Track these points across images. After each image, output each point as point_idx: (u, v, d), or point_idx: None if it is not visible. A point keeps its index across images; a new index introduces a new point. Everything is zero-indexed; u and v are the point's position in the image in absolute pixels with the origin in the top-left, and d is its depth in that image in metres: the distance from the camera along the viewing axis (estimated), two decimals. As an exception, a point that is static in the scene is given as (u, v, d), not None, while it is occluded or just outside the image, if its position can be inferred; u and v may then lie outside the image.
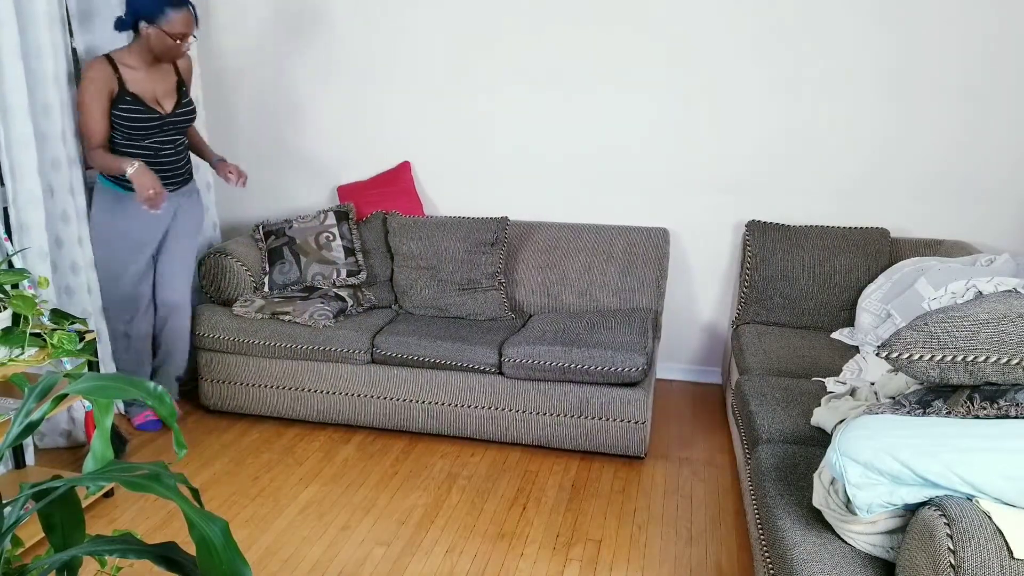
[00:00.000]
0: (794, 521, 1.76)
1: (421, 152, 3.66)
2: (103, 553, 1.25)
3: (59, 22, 2.80)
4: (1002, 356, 1.57)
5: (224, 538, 1.15)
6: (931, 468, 1.44)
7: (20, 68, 2.61)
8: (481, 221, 3.32)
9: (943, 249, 3.08)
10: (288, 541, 2.42)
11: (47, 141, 2.81)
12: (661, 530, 2.50)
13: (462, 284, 3.25)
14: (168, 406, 1.28)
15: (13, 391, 2.49)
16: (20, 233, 2.71)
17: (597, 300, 3.30)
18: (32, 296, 2.16)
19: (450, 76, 3.52)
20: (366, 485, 2.75)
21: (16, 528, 1.25)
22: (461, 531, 2.48)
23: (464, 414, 2.99)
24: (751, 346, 2.90)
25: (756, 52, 3.22)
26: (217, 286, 3.25)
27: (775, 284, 3.14)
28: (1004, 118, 3.09)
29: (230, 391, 3.20)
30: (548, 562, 2.33)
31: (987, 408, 1.58)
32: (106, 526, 2.50)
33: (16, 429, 1.26)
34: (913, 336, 1.67)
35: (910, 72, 3.11)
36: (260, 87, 3.74)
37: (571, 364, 2.81)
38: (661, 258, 3.30)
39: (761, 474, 2.01)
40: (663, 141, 3.40)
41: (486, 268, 3.25)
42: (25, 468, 2.65)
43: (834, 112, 3.22)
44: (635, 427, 2.83)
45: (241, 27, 3.67)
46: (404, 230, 3.36)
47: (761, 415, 2.31)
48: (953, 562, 1.33)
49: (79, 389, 1.24)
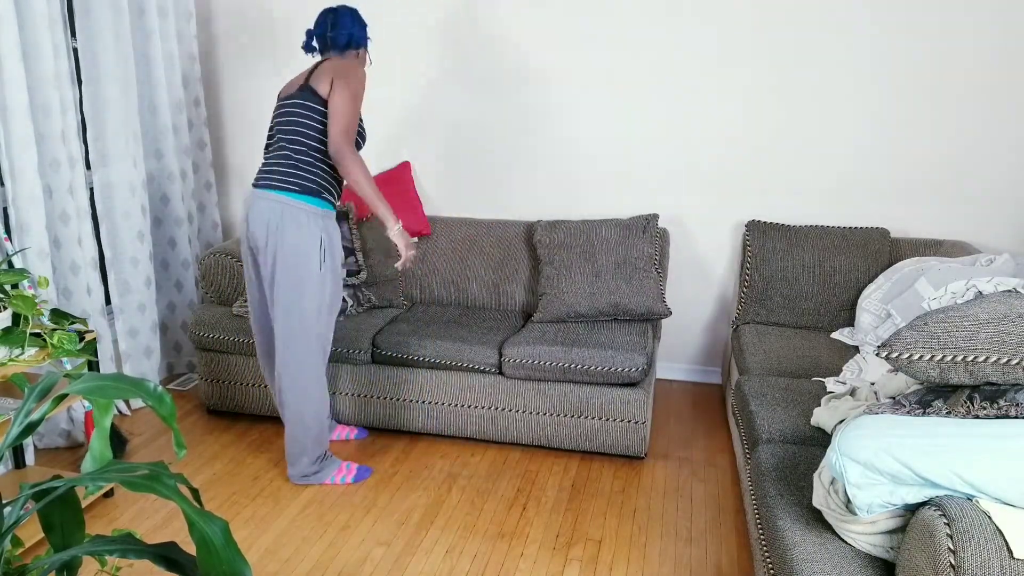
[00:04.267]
0: (794, 521, 1.76)
1: (421, 152, 3.67)
2: (103, 553, 1.25)
3: (59, 22, 2.80)
4: (1002, 356, 1.57)
5: (224, 538, 1.15)
6: (931, 468, 1.44)
7: (20, 68, 2.61)
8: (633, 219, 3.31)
9: (943, 249, 3.08)
10: (288, 541, 2.42)
11: (47, 141, 2.81)
12: (661, 530, 2.50)
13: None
14: (168, 406, 1.27)
15: (13, 391, 2.49)
16: (20, 233, 2.71)
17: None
18: (32, 296, 2.16)
19: (449, 76, 3.52)
20: (366, 485, 2.75)
21: (16, 528, 1.25)
22: (461, 531, 2.48)
23: (464, 414, 2.99)
24: (751, 346, 2.90)
25: (756, 52, 3.22)
26: (217, 286, 3.25)
27: (775, 284, 3.14)
28: (1004, 118, 3.09)
29: (230, 391, 3.20)
30: (548, 562, 2.32)
31: (987, 408, 1.58)
32: (106, 526, 2.50)
33: (16, 429, 1.26)
34: (913, 336, 1.67)
35: (910, 72, 3.11)
36: (260, 87, 3.74)
37: (571, 364, 2.81)
38: (661, 258, 3.30)
39: (761, 474, 2.01)
40: (663, 141, 3.40)
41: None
42: (25, 468, 2.65)
43: (834, 112, 3.22)
44: (635, 427, 2.83)
45: (242, 30, 3.67)
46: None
47: (761, 415, 2.31)
48: (953, 562, 1.33)
49: (79, 389, 1.24)
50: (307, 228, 2.42)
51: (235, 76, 3.77)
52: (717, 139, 3.35)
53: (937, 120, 3.15)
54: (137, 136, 3.24)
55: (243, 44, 3.70)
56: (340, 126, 2.40)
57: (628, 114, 3.40)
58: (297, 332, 2.51)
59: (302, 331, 2.51)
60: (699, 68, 3.28)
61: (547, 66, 3.42)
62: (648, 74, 3.34)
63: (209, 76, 3.79)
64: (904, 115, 3.17)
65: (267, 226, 2.43)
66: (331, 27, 2.54)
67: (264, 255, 2.47)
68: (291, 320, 2.50)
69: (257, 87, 3.76)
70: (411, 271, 3.47)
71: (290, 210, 2.41)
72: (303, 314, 2.49)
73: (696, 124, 3.35)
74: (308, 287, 2.46)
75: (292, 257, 2.43)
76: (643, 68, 3.33)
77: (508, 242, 3.41)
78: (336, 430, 3.08)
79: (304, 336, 2.52)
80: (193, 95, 3.62)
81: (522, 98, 3.48)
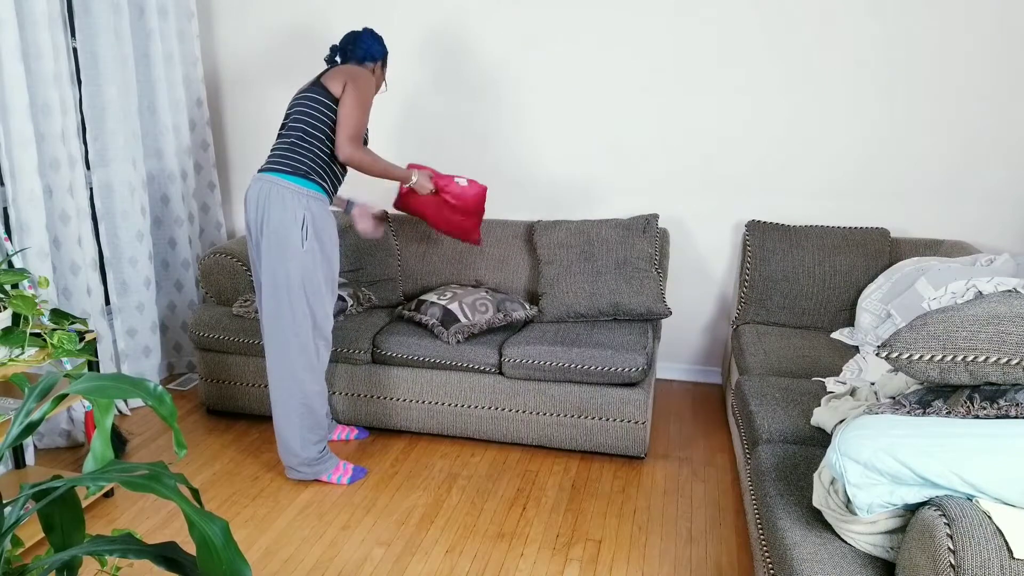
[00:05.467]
0: (794, 521, 1.76)
1: (421, 152, 3.66)
2: (103, 553, 1.24)
3: (59, 22, 2.80)
4: (1002, 356, 1.57)
5: (224, 538, 1.15)
6: (931, 468, 1.44)
7: (20, 68, 2.61)
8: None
9: (943, 249, 3.08)
10: (288, 541, 2.42)
11: (47, 141, 2.81)
12: (661, 530, 2.50)
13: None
14: (168, 406, 1.27)
15: (13, 391, 2.49)
16: (20, 233, 2.71)
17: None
18: (32, 296, 2.16)
19: (449, 76, 3.52)
20: (366, 485, 2.75)
21: (16, 528, 1.25)
22: (461, 531, 2.48)
23: (464, 414, 2.99)
24: (751, 346, 2.90)
25: (756, 52, 3.22)
26: (217, 286, 3.25)
27: (775, 284, 3.14)
28: (1004, 118, 3.09)
29: (230, 391, 3.20)
30: (548, 562, 2.32)
31: (987, 408, 1.58)
32: (106, 526, 2.50)
33: (16, 429, 1.26)
34: (913, 336, 1.67)
35: (910, 72, 3.11)
36: (261, 89, 3.74)
37: (571, 364, 2.81)
38: (661, 258, 3.30)
39: (761, 474, 2.01)
40: (663, 141, 3.40)
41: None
42: (25, 468, 2.65)
43: (834, 112, 3.22)
44: (635, 427, 2.83)
45: (243, 33, 3.68)
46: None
47: (761, 415, 2.31)
48: (953, 562, 1.33)
49: (79, 389, 1.24)
50: (290, 206, 2.46)
51: (240, 76, 3.77)
52: (717, 139, 3.35)
53: (937, 120, 3.15)
54: (137, 136, 3.24)
55: (248, 45, 3.71)
56: (347, 132, 2.49)
57: (628, 114, 3.40)
58: (283, 312, 2.53)
59: (289, 310, 2.53)
60: (699, 68, 3.28)
61: (547, 66, 3.42)
62: (648, 74, 3.34)
63: (212, 76, 3.79)
64: (904, 115, 3.17)
65: (256, 206, 2.50)
66: (352, 42, 2.71)
67: (254, 236, 2.55)
68: (275, 300, 2.53)
69: (262, 87, 3.76)
70: (411, 271, 3.47)
71: (277, 189, 2.47)
72: (290, 293, 2.51)
73: (696, 124, 3.35)
74: (291, 265, 2.48)
75: (275, 235, 2.47)
76: (643, 68, 3.33)
77: (508, 242, 3.41)
78: (336, 430, 3.08)
79: (290, 316, 2.53)
80: (195, 95, 3.62)
81: (522, 98, 3.48)
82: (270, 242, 2.48)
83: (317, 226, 2.51)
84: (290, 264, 2.49)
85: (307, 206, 2.48)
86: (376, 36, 2.72)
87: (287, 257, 2.48)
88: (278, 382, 2.62)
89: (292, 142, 2.53)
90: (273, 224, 2.47)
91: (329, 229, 2.57)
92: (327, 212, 2.56)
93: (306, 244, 2.49)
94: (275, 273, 2.50)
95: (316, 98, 2.54)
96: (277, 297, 2.53)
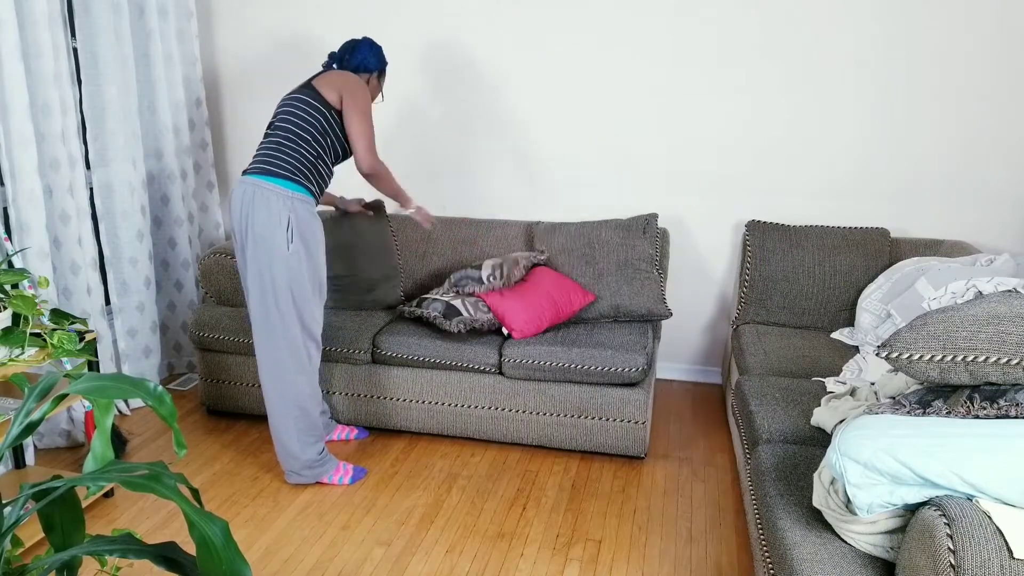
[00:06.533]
0: (794, 521, 1.76)
1: (420, 152, 3.66)
2: (103, 553, 1.24)
3: (59, 22, 2.80)
4: (1002, 356, 1.57)
5: (224, 538, 1.15)
6: (931, 468, 1.44)
7: (20, 68, 2.61)
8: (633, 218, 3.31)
9: (943, 249, 3.08)
10: (288, 541, 2.42)
11: (47, 141, 2.81)
12: (661, 530, 2.50)
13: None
14: (168, 406, 1.27)
15: (13, 391, 2.49)
16: (20, 233, 2.71)
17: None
18: (32, 296, 2.16)
19: (450, 77, 3.52)
20: (366, 485, 2.75)
21: (16, 528, 1.25)
22: (461, 531, 2.48)
23: (464, 414, 2.99)
24: (751, 346, 2.90)
25: (756, 52, 3.22)
26: (217, 286, 3.25)
27: (775, 284, 3.14)
28: (1004, 118, 3.09)
29: (230, 391, 3.20)
30: (548, 562, 2.32)
31: (987, 408, 1.58)
32: (106, 526, 2.50)
33: (16, 429, 1.26)
34: (913, 336, 1.67)
35: (910, 72, 3.11)
36: (259, 89, 3.75)
37: (571, 364, 2.81)
38: (661, 258, 3.30)
39: (761, 474, 2.01)
40: (663, 141, 3.40)
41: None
42: (25, 468, 2.65)
43: (834, 112, 3.22)
44: (635, 427, 2.83)
45: (242, 33, 3.68)
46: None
47: (761, 415, 2.31)
48: (953, 562, 1.33)
49: (79, 389, 1.24)
50: (275, 209, 2.45)
51: (238, 77, 3.77)
52: (717, 139, 3.35)
53: (937, 120, 3.15)
54: (137, 136, 3.24)
55: (247, 45, 3.71)
56: (364, 144, 2.55)
57: (628, 114, 3.40)
58: (271, 315, 2.53)
59: (277, 313, 2.52)
60: (699, 68, 3.28)
61: (546, 66, 3.42)
62: (648, 74, 3.34)
63: (211, 76, 3.79)
64: (904, 115, 3.17)
65: (241, 209, 2.49)
66: (349, 52, 2.72)
67: (240, 239, 2.53)
68: (263, 303, 2.52)
69: (260, 87, 3.76)
70: (411, 271, 3.47)
71: (261, 192, 2.46)
72: (276, 296, 2.50)
73: (696, 124, 3.35)
74: (277, 268, 2.47)
75: (260, 238, 2.46)
76: (643, 68, 3.33)
77: (508, 242, 3.41)
78: (336, 430, 3.08)
79: (279, 319, 2.53)
80: (195, 95, 3.62)
81: (522, 98, 3.48)
82: (256, 245, 2.47)
83: (302, 228, 2.51)
84: (276, 267, 2.47)
85: (292, 208, 2.48)
86: (375, 47, 2.72)
87: (273, 260, 2.47)
88: (271, 386, 2.62)
89: (278, 143, 2.52)
90: (258, 227, 2.46)
91: (315, 231, 2.56)
92: (312, 214, 2.55)
93: (291, 246, 2.48)
94: (261, 276, 2.49)
95: (306, 99, 2.54)
96: (264, 301, 2.52)
